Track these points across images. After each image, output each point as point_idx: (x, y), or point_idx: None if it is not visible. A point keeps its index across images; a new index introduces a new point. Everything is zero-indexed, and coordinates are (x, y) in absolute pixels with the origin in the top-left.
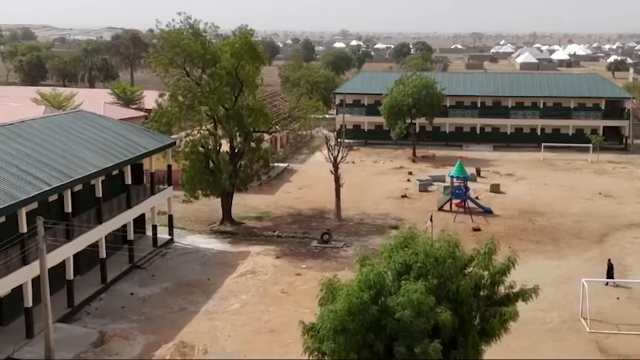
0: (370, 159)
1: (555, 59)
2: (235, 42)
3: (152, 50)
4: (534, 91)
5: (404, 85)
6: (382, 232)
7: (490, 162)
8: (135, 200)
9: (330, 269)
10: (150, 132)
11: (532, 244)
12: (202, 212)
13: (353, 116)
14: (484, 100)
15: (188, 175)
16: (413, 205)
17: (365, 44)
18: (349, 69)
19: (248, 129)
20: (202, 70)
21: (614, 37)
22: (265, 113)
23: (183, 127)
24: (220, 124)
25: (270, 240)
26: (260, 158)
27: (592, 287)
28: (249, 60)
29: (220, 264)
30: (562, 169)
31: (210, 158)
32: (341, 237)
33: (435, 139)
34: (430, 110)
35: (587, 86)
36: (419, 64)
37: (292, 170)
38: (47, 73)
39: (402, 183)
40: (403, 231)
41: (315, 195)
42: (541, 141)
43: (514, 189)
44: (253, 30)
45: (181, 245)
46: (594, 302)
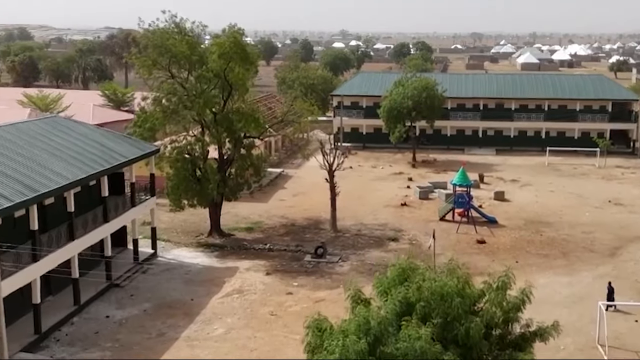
0: (369, 163)
1: (556, 59)
2: (223, 43)
3: (134, 50)
4: (538, 93)
5: (404, 87)
6: (380, 245)
7: (493, 167)
8: (113, 213)
9: (324, 287)
10: (131, 139)
11: (541, 258)
12: (189, 222)
13: (351, 119)
14: (487, 102)
15: (173, 184)
16: (413, 215)
17: (364, 44)
18: (347, 70)
19: (238, 134)
20: (188, 73)
21: (614, 38)
22: (256, 117)
23: (168, 133)
24: (207, 129)
25: (260, 254)
26: (251, 165)
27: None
28: (239, 62)
29: (206, 282)
30: (569, 174)
31: (196, 166)
32: (337, 250)
33: (436, 142)
34: (431, 113)
35: (594, 88)
36: (419, 65)
37: (286, 176)
38: (40, 74)
39: (402, 190)
40: (401, 262)
41: (311, 203)
42: (546, 145)
43: (519, 196)
44: (242, 30)
45: (164, 260)
46: (610, 325)
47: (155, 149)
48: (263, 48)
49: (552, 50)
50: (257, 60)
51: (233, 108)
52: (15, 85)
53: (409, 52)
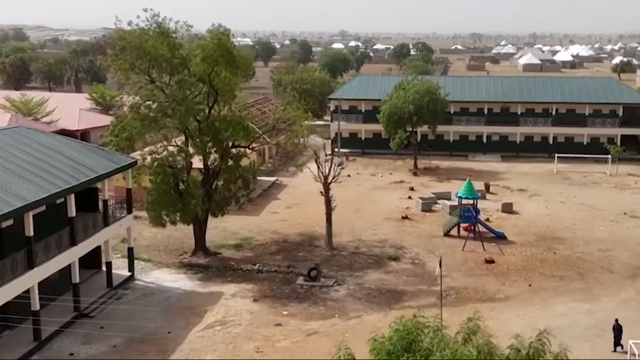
0: (368, 171)
1: (558, 60)
2: (206, 45)
3: (110, 53)
4: (545, 96)
5: (405, 90)
6: (379, 265)
7: (498, 174)
8: (82, 235)
9: (317, 317)
10: (104, 150)
11: (556, 281)
12: (173, 238)
13: (349, 123)
14: (491, 106)
15: (152, 199)
16: (415, 229)
17: (363, 44)
18: (346, 71)
19: (225, 143)
20: (170, 77)
21: (614, 38)
22: (245, 125)
23: (148, 142)
24: (191, 138)
25: (248, 275)
26: (240, 178)
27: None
28: (224, 66)
29: (186, 310)
30: (579, 183)
31: (179, 179)
32: (332, 271)
33: (438, 148)
34: (433, 117)
35: (603, 91)
36: (419, 66)
37: (280, 185)
38: (32, 75)
39: (403, 201)
40: (406, 322)
41: (305, 216)
42: (553, 151)
43: (528, 208)
44: (229, 30)
45: (142, 284)
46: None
47: (132, 161)
48: (261, 49)
49: (554, 50)
50: (247, 64)
51: (220, 115)
52: (5, 87)
53: (408, 52)
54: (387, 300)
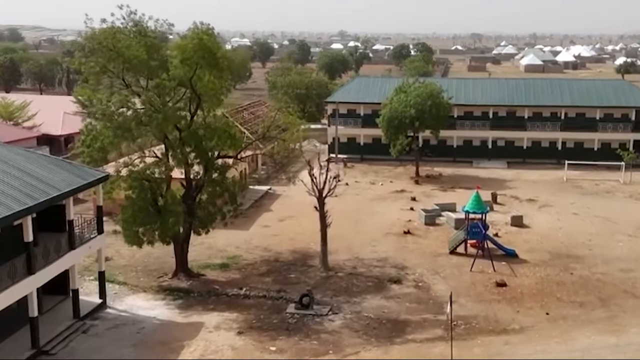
0: (367, 178)
1: (560, 60)
2: (185, 46)
3: (78, 54)
4: (553, 99)
5: (406, 93)
6: (379, 289)
7: (505, 183)
8: (42, 261)
9: (309, 353)
10: (72, 164)
11: (575, 308)
12: (154, 257)
13: (347, 128)
14: (497, 110)
15: (127, 216)
16: (418, 246)
17: (363, 45)
18: (345, 72)
19: (210, 154)
20: (147, 81)
21: (615, 38)
22: (232, 133)
23: (124, 153)
24: (171, 149)
25: (234, 302)
26: (226, 191)
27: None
28: (207, 68)
29: (160, 346)
30: (591, 192)
31: (157, 193)
32: (327, 296)
33: (441, 154)
34: (436, 122)
35: (615, 94)
36: (419, 67)
37: (274, 195)
38: (22, 77)
39: (404, 213)
40: None
41: (299, 231)
42: (562, 157)
43: (539, 221)
44: (212, 29)
45: (114, 313)
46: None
47: (103, 175)
48: (258, 49)
49: (555, 51)
50: (232, 66)
51: (204, 123)
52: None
53: (409, 53)
54: (388, 332)
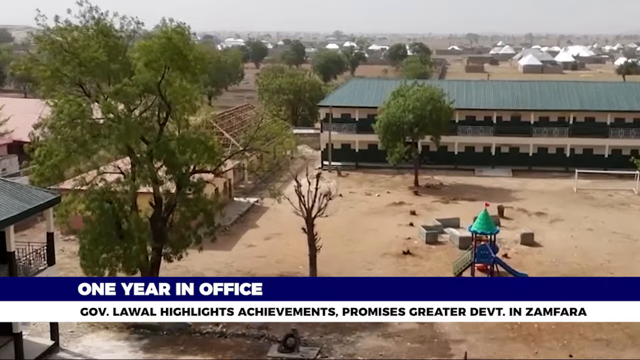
0: (362, 188)
1: (559, 61)
2: (149, 46)
3: (24, 58)
4: (561, 103)
5: (404, 97)
6: (376, 324)
7: (511, 193)
8: None
9: None
10: (16, 185)
11: (602, 347)
12: None
13: (341, 134)
14: (500, 114)
15: (85, 242)
16: (420, 268)
17: (358, 45)
18: (340, 73)
19: (184, 169)
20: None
21: (611, 38)
22: (210, 146)
23: (83, 170)
24: (137, 164)
25: (208, 341)
26: (201, 212)
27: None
28: (178, 72)
29: None
30: (604, 204)
31: (122, 216)
32: (316, 334)
33: (441, 161)
34: (437, 128)
35: (626, 97)
36: (416, 68)
37: (261, 208)
38: (5, 78)
39: (403, 229)
40: None
41: (287, 251)
42: (570, 164)
43: (551, 238)
44: (184, 27)
45: (68, 358)
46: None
47: (54, 198)
48: (252, 49)
49: (552, 51)
50: (205, 69)
51: (176, 134)
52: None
53: (405, 54)
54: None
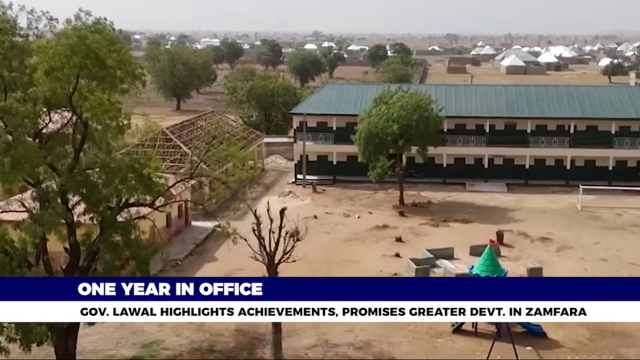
0: (340, 208)
1: (542, 61)
2: (53, 49)
3: None
4: (560, 110)
5: (387, 105)
6: None
7: (508, 212)
8: None
9: None
10: None
11: None
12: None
13: (317, 144)
14: (494, 122)
15: None
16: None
17: (337, 45)
18: (318, 74)
19: (109, 204)
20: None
21: (590, 39)
22: (145, 174)
23: None
24: (43, 202)
25: None
26: (132, 259)
27: None
28: (94, 81)
29: None
30: (615, 225)
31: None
32: None
33: (429, 174)
34: (424, 140)
35: (632, 103)
36: (397, 69)
37: (221, 235)
38: None
39: (388, 261)
40: None
41: None
42: (570, 177)
43: (562, 271)
44: (105, 23)
45: None
46: None
47: None
48: (226, 50)
49: (534, 52)
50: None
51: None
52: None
53: (385, 54)
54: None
